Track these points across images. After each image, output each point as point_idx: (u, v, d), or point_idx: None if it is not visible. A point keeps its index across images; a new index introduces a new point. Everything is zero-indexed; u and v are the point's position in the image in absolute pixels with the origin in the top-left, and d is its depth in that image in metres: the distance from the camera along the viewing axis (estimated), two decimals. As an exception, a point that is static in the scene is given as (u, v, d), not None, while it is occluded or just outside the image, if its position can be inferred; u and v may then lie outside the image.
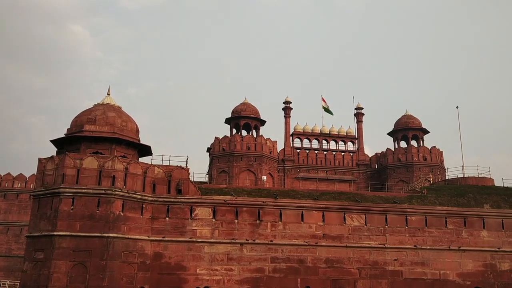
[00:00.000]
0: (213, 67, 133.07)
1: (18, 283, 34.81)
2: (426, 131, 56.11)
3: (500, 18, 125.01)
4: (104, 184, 27.05)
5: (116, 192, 26.91)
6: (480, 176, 39.59)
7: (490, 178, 39.43)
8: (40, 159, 28.45)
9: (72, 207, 26.28)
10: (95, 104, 31.69)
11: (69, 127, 30.58)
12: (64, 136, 30.09)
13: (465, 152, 45.55)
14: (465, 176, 39.53)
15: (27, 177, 55.81)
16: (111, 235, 26.19)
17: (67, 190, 26.47)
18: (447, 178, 43.56)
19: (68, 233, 25.79)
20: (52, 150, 31.20)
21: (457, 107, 48.58)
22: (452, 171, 49.52)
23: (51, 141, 30.15)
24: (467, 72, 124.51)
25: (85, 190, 26.68)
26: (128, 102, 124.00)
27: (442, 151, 54.96)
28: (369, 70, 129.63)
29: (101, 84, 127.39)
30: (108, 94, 32.52)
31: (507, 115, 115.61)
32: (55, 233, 25.69)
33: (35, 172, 30.13)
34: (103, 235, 26.08)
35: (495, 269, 30.72)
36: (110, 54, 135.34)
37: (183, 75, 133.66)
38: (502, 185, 37.62)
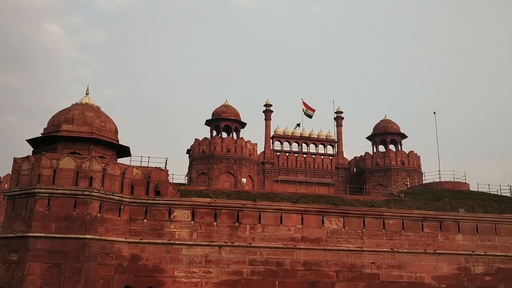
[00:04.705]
0: (192, 69, 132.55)
1: (-10, 286, 34.04)
2: (404, 136, 56.90)
3: (478, 23, 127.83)
4: (81, 185, 26.66)
5: (94, 193, 26.53)
6: (456, 180, 40.39)
7: (465, 182, 40.29)
8: (15, 159, 27.89)
9: (47, 208, 25.82)
10: (73, 104, 31.22)
11: (45, 126, 30.08)
12: (41, 135, 29.59)
13: (441, 157, 46.50)
14: (442, 180, 40.29)
15: (1, 177, 54.57)
16: (87, 236, 25.79)
17: (42, 190, 25.99)
18: (424, 182, 44.39)
19: (43, 235, 25.29)
20: (28, 150, 30.64)
21: (434, 113, 49.67)
22: (429, 175, 50.68)
23: (27, 140, 29.62)
24: (445, 78, 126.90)
25: (62, 191, 26.22)
26: (104, 103, 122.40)
27: (419, 156, 55.82)
28: (349, 74, 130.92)
29: (77, 84, 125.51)
30: (86, 94, 32.07)
31: (483, 121, 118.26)
32: (30, 234, 25.16)
33: (9, 172, 29.50)
34: (79, 236, 25.67)
35: (469, 272, 31.26)
36: (86, 54, 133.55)
37: (161, 76, 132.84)
38: (477, 190, 38.46)
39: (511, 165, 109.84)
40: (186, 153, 56.27)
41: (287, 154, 56.45)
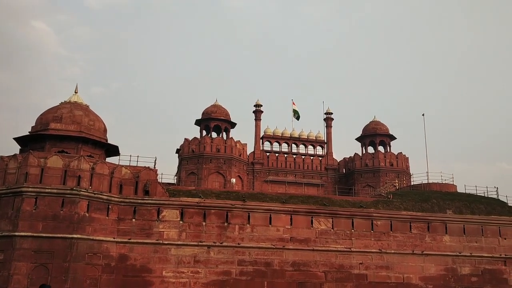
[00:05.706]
0: (182, 68, 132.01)
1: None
2: (393, 137, 57.21)
3: (466, 27, 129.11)
4: (69, 184, 26.45)
5: (81, 192, 26.35)
6: (443, 182, 40.68)
7: (453, 184, 40.58)
8: (2, 157, 27.56)
9: (34, 207, 25.57)
10: (61, 102, 31.00)
11: (33, 125, 29.80)
12: (29, 134, 29.31)
13: (430, 158, 46.87)
14: (430, 182, 40.53)
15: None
16: (75, 236, 25.60)
17: (30, 189, 25.73)
18: (412, 183, 44.60)
19: (29, 234, 25.05)
20: (15, 148, 30.31)
21: (423, 115, 49.85)
22: (417, 177, 50.82)
23: (14, 139, 29.33)
24: (434, 80, 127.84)
25: (49, 190, 26.00)
26: (93, 101, 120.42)
27: (408, 157, 56.13)
28: (339, 75, 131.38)
29: (65, 82, 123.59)
30: (75, 92, 31.88)
31: (472, 123, 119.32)
32: (16, 233, 24.90)
33: (-4, 170, 29.13)
34: (66, 236, 25.46)
35: (456, 273, 31.58)
36: (75, 52, 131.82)
37: (151, 75, 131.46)
38: (464, 191, 38.77)
39: (498, 167, 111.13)
40: (176, 152, 55.99)
41: (276, 154, 56.46)
